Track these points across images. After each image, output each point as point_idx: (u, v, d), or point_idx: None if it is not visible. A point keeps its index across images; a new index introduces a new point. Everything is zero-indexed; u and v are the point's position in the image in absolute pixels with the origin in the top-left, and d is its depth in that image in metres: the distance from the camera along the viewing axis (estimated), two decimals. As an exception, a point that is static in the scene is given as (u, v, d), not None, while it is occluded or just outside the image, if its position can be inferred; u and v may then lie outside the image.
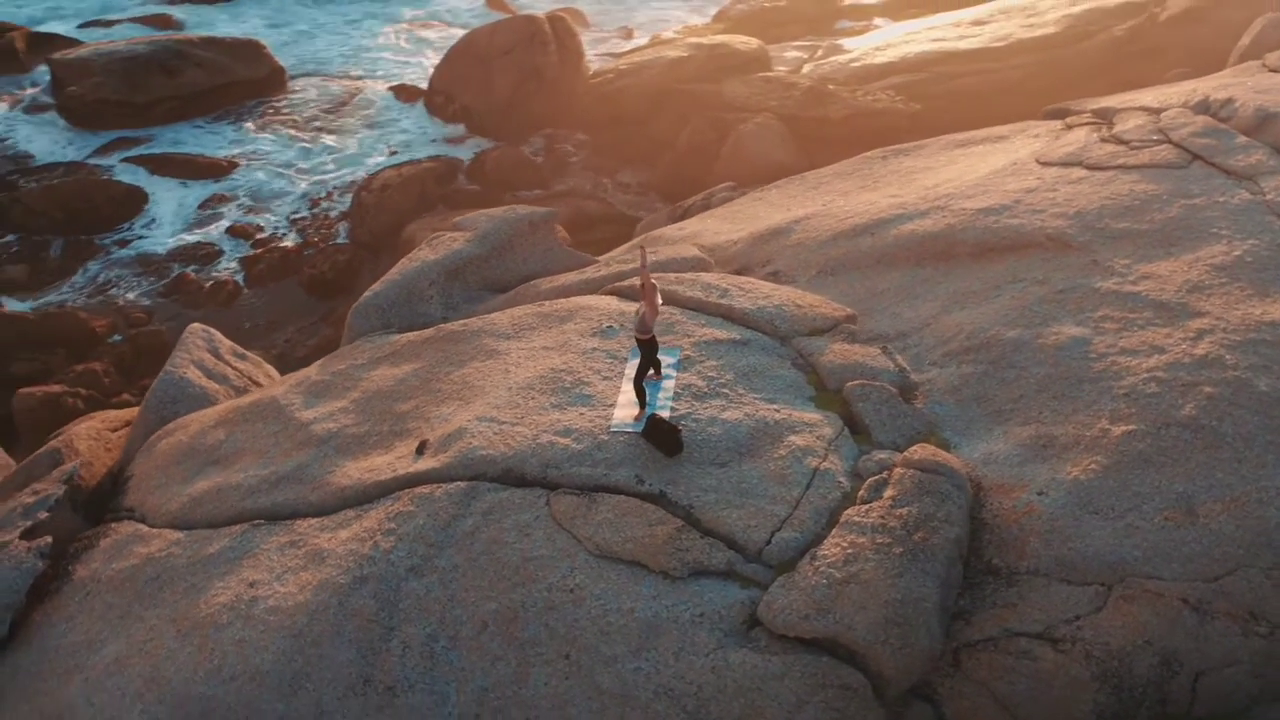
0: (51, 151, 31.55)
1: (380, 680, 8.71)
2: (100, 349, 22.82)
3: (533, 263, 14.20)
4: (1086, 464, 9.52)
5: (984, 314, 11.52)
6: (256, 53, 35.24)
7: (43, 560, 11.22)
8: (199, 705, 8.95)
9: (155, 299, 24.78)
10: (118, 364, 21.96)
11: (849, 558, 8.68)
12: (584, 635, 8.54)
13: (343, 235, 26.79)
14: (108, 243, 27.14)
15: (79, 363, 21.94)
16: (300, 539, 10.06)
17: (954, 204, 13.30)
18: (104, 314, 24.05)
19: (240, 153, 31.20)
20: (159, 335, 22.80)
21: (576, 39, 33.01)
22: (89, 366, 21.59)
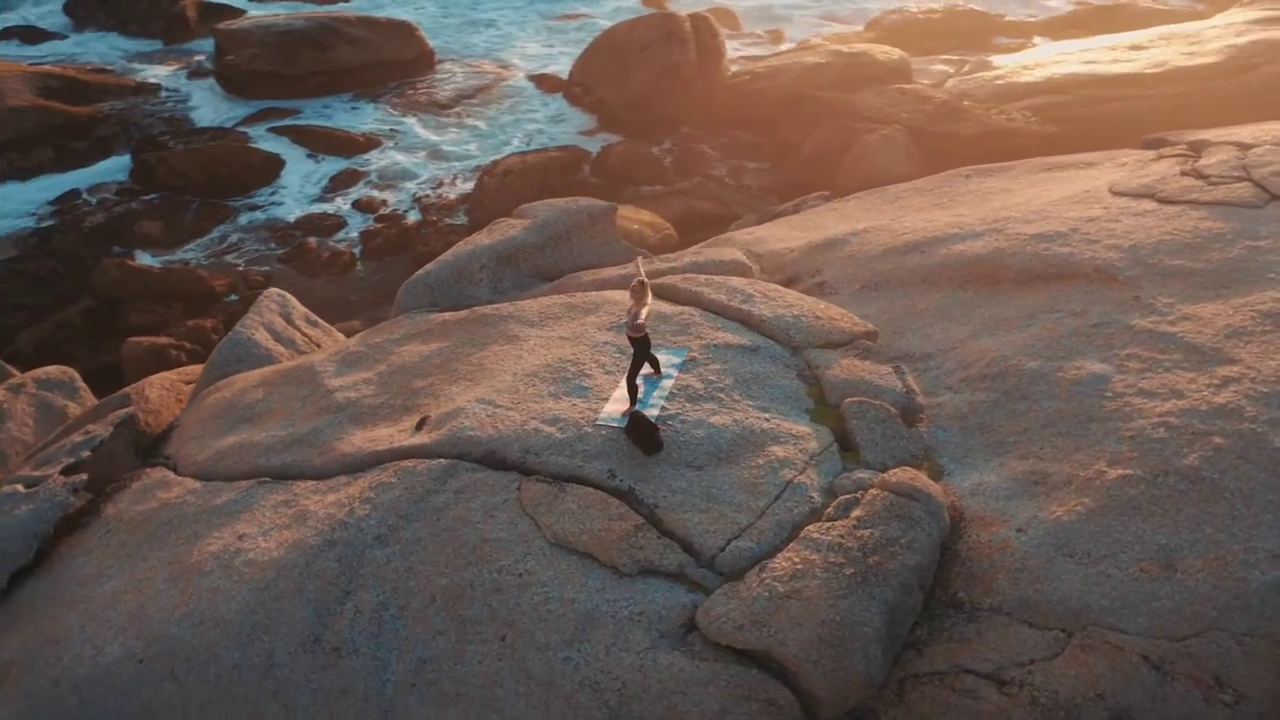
0: (206, 116, 33.39)
1: (329, 640, 9.06)
2: (215, 307, 24.11)
3: (588, 255, 14.43)
4: (1073, 505, 9.22)
5: (1011, 342, 11.23)
6: (408, 34, 36.53)
7: (74, 496, 12.00)
8: (168, 644, 9.47)
9: (275, 264, 26.01)
10: (227, 323, 23.14)
11: (796, 573, 8.63)
12: (522, 619, 8.72)
13: (462, 217, 27.55)
14: (240, 207, 28.60)
15: (192, 318, 23.23)
16: (294, 499, 10.52)
17: (1010, 227, 12.96)
18: (225, 274, 25.37)
19: (379, 130, 32.41)
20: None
21: (717, 39, 33.15)
22: (199, 322, 22.83)
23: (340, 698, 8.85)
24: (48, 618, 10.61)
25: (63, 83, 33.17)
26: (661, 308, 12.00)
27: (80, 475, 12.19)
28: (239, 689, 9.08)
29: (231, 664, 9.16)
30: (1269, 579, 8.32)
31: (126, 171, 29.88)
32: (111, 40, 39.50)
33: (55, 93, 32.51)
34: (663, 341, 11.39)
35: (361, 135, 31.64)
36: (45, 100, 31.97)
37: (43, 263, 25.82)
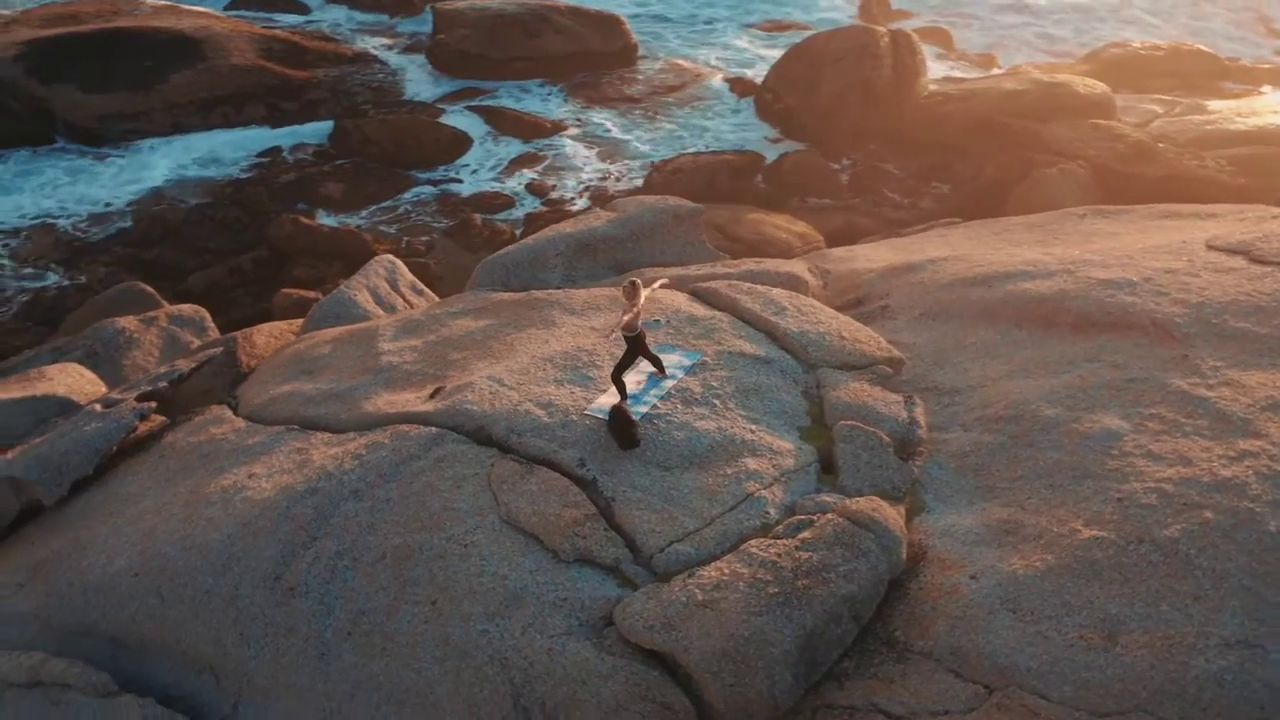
0: (410, 90, 35.23)
1: (288, 580, 9.68)
2: (374, 269, 25.49)
3: (669, 254, 14.67)
4: (1035, 559, 8.90)
5: (1039, 387, 10.84)
6: (615, 27, 37.46)
7: (140, 421, 13.11)
8: (160, 563, 10.32)
9: (438, 236, 27.30)
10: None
11: (721, 583, 8.68)
12: (455, 587, 9.09)
13: (631, 210, 28.16)
14: (421, 179, 30.09)
15: (348, 277, 24.65)
16: (307, 448, 11.23)
17: (1084, 270, 12.45)
18: (389, 241, 26.79)
19: (567, 117, 33.44)
20: (425, 269, 25.11)
21: (916, 58, 32.61)
22: (351, 282, 24.23)
23: (286, 635, 9.43)
24: (85, 525, 11.65)
25: (286, 47, 35.63)
26: (696, 310, 12.15)
27: (150, 403, 13.26)
28: (207, 612, 9.80)
29: (205, 589, 9.88)
30: (1212, 669, 7.85)
31: (327, 135, 31.86)
32: (346, 13, 42.07)
33: (276, 55, 34.96)
34: (682, 343, 11.54)
35: (549, 121, 32.69)
36: (266, 61, 34.44)
37: (230, 211, 27.92)
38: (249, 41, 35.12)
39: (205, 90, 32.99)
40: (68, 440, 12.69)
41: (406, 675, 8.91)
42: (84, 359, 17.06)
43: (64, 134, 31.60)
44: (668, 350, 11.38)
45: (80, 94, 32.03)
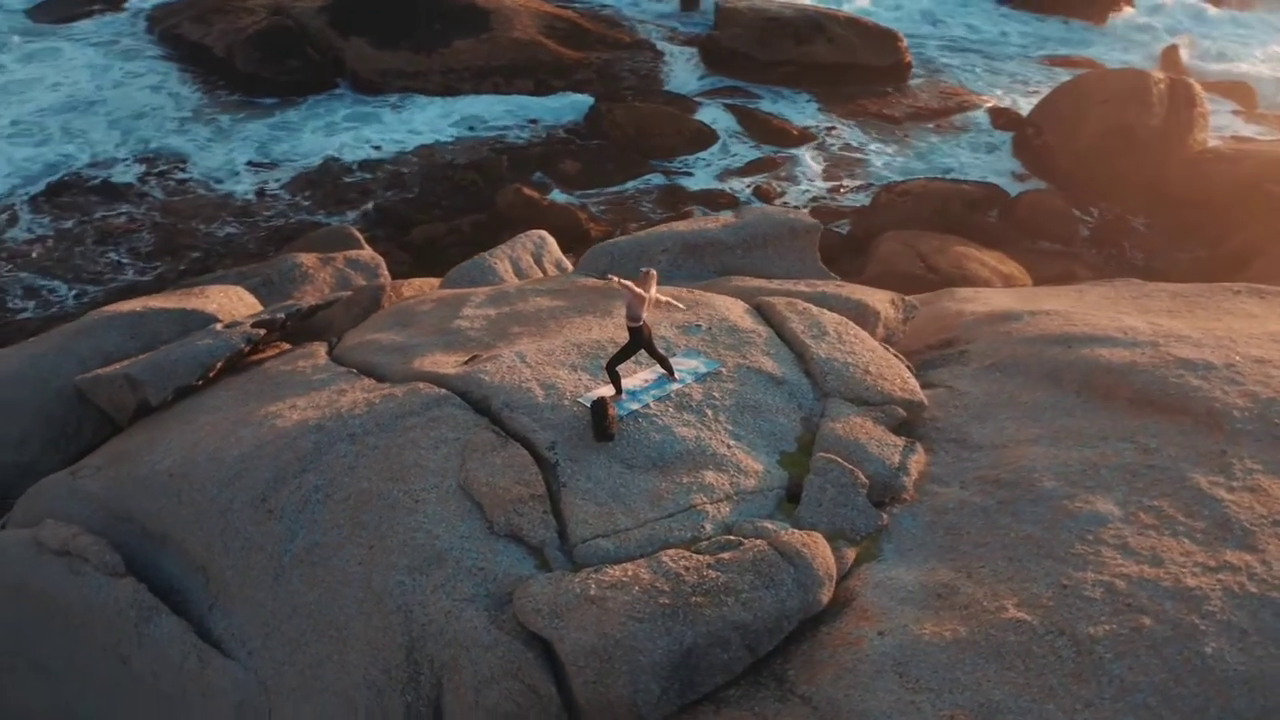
0: (673, 81, 36.06)
1: (270, 503, 10.54)
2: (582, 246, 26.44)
3: (778, 266, 14.64)
4: (948, 629, 8.54)
5: (1057, 457, 10.25)
6: (890, 43, 36.88)
7: (247, 344, 14.34)
8: (188, 468, 11.43)
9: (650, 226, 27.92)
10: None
11: (618, 584, 8.83)
12: (392, 538, 9.66)
13: (845, 227, 27.90)
14: (656, 167, 30.83)
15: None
16: (347, 390, 12.07)
17: (1171, 346, 11.57)
18: (604, 223, 27.68)
19: (818, 127, 33.29)
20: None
21: (1195, 110, 30.31)
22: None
23: (255, 552, 10.31)
24: (165, 427, 12.98)
25: (567, 26, 37.21)
26: (741, 322, 12.15)
27: (260, 330, 14.50)
28: (206, 519, 10.81)
29: (210, 497, 10.89)
30: (1068, 778, 7.36)
31: (582, 114, 33.16)
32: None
33: (556, 32, 36.59)
34: (710, 351, 11.60)
35: (797, 128, 32.68)
36: (545, 38, 36.12)
37: (468, 174, 29.62)
38: (533, 17, 36.90)
39: (482, 59, 34.99)
40: (180, 351, 14.08)
41: (332, 609, 9.55)
42: (259, 286, 18.69)
43: (350, 84, 34.35)
44: (691, 355, 11.47)
45: (371, 49, 34.70)
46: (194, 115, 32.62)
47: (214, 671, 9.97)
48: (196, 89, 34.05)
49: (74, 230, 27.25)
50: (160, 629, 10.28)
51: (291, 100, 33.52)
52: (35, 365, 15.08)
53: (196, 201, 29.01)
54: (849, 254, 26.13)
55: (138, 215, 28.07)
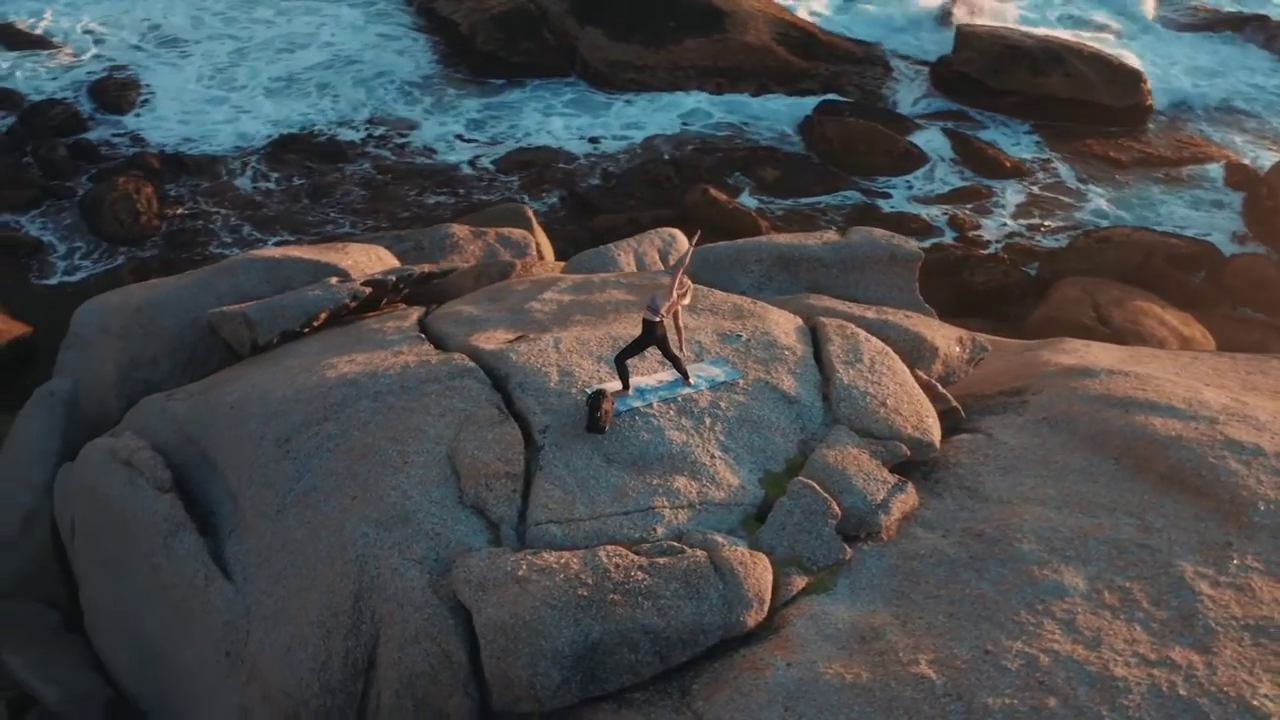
0: (896, 100, 35.35)
1: (289, 445, 11.29)
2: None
3: (872, 291, 14.32)
4: (852, 672, 8.36)
5: (1053, 520, 9.76)
6: (1132, 83, 34.74)
7: (351, 300, 15.17)
8: (245, 403, 12.37)
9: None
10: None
11: (547, 569, 9.04)
12: (372, 492, 10.19)
13: (1033, 269, 26.74)
14: (856, 184, 30.38)
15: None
16: (404, 353, 12.65)
17: (1226, 424, 10.72)
18: (783, 232, 27.54)
19: (1034, 163, 31.89)
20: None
21: None
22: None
23: (267, 487, 11.07)
24: (258, 366, 13.99)
25: (801, 35, 37.00)
26: (783, 338, 12.00)
27: (366, 289, 15.30)
28: (242, 451, 11.67)
29: (249, 432, 11.74)
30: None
31: (796, 123, 33.01)
32: (887, 13, 42.35)
33: (789, 40, 36.46)
34: (739, 361, 11.53)
35: (1012, 161, 31.36)
36: (776, 45, 36.09)
37: (666, 170, 30.03)
38: (767, 23, 36.92)
39: (710, 59, 35.32)
40: (291, 298, 15.08)
41: (310, 550, 10.15)
42: (409, 250, 19.66)
43: (578, 72, 35.37)
44: (718, 364, 11.46)
45: (605, 39, 35.61)
46: (426, 86, 34.34)
47: (214, 590, 10.75)
48: (435, 61, 35.81)
49: (295, 184, 29.18)
50: (183, 544, 11.13)
51: (520, 82, 34.78)
52: (180, 295, 16.39)
53: (413, 168, 30.51)
54: (1030, 297, 25.06)
55: (356, 174, 29.79)
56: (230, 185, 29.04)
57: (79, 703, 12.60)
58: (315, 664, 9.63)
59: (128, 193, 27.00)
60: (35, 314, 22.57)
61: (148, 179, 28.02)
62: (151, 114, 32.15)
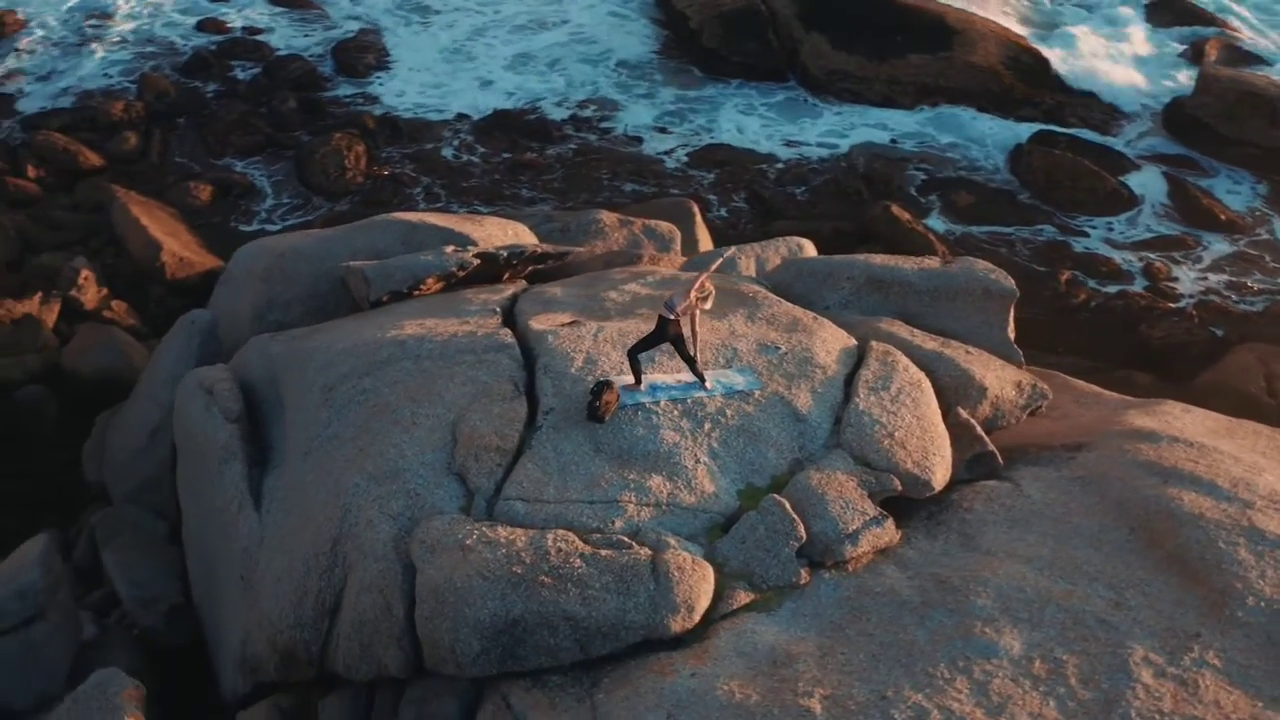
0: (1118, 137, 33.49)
1: (331, 394, 12.04)
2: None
3: (960, 324, 13.80)
4: (744, 693, 8.33)
5: (1024, 580, 9.34)
6: None
7: (458, 269, 15.72)
8: (317, 349, 13.09)
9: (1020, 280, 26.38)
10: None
11: (493, 543, 9.39)
12: (376, 446, 10.77)
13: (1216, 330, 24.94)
14: (1053, 219, 29.03)
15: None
16: (468, 324, 13.11)
17: (1260, 510, 9.92)
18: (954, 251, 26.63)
19: (1251, 217, 29.58)
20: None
21: None
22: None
23: (303, 430, 11.88)
24: (359, 320, 14.68)
25: (1032, 61, 35.47)
26: (823, 358, 11.81)
27: (475, 260, 15.85)
28: (299, 393, 12.59)
29: (307, 377, 12.60)
30: None
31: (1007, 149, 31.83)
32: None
33: (1018, 66, 34.96)
34: (765, 374, 11.41)
35: (1228, 214, 29.16)
36: (1003, 68, 34.79)
37: (856, 183, 29.58)
38: (1000, 46, 35.63)
39: (930, 77, 34.44)
40: (404, 261, 15.84)
41: (315, 492, 10.82)
42: (555, 230, 20.23)
43: (797, 77, 35.24)
44: (743, 372, 11.40)
45: (828, 46, 35.26)
46: (643, 74, 34.90)
47: (242, 518, 11.57)
48: (657, 52, 36.29)
49: (498, 158, 30.25)
50: (230, 472, 12.00)
51: (734, 80, 34.90)
52: (319, 246, 17.45)
53: (613, 153, 31.08)
54: (1206, 359, 23.43)
55: (558, 155, 30.65)
56: (436, 153, 30.40)
57: (145, 604, 13.62)
58: (294, 598, 10.22)
59: (339, 149, 28.68)
60: (230, 251, 24.37)
61: (362, 138, 29.65)
62: (386, 78, 34.01)
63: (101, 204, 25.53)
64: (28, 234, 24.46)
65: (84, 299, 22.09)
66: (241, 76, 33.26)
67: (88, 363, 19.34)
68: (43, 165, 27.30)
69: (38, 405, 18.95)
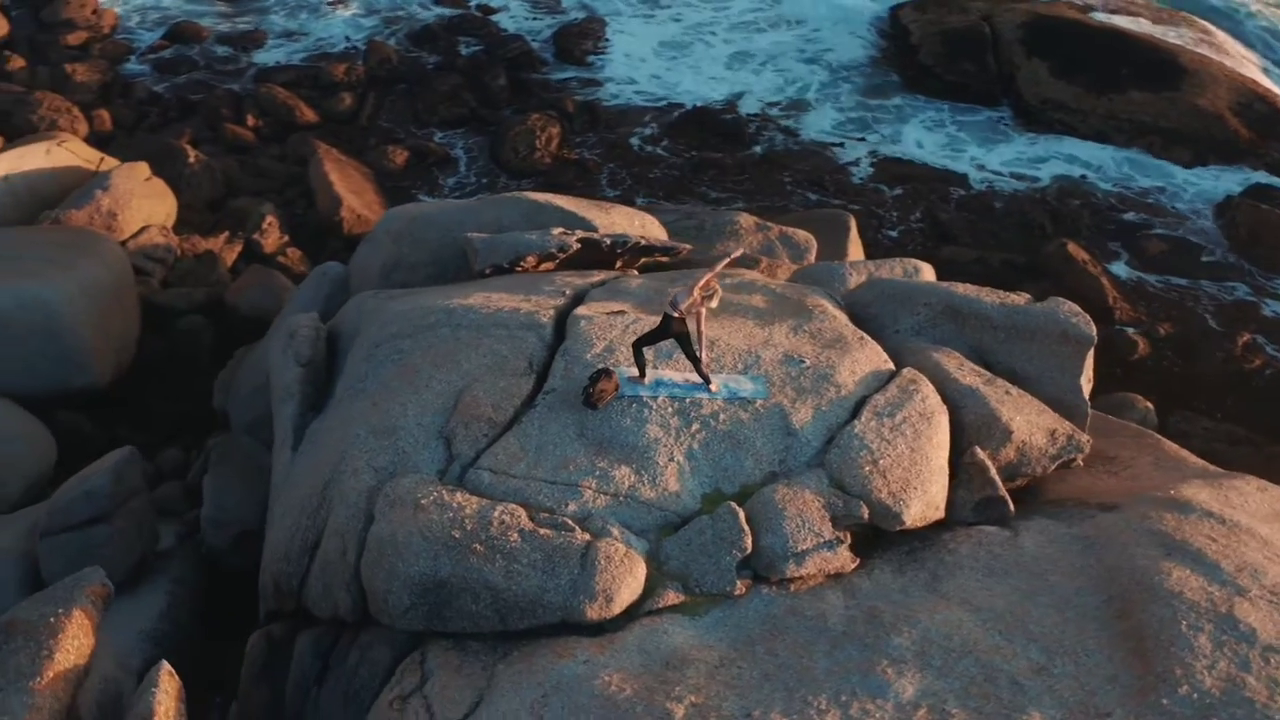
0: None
1: (376, 350, 12.66)
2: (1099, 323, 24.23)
3: (1034, 365, 13.15)
4: (617, 687, 8.49)
5: (957, 630, 8.98)
6: None
7: (558, 250, 16.10)
8: (393, 310, 13.69)
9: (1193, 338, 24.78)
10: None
11: (448, 506, 9.84)
12: (386, 403, 11.44)
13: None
14: (1252, 278, 27.06)
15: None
16: (529, 301, 13.46)
17: (1251, 597, 9.08)
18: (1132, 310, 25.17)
19: None
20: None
21: None
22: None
23: (346, 380, 12.74)
24: (455, 287, 15.24)
25: (1265, 109, 32.91)
26: (845, 375, 11.56)
27: (577, 244, 16.22)
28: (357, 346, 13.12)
29: (369, 332, 13.29)
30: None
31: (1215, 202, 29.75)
32: None
33: (1247, 112, 32.43)
34: (780, 384, 11.29)
35: None
36: (1230, 113, 32.45)
37: (1042, 216, 28.29)
38: (1231, 90, 33.19)
39: (1150, 115, 32.51)
40: (510, 238, 16.41)
41: (328, 438, 11.61)
42: (689, 227, 20.40)
43: (1010, 103, 34.07)
44: (757, 380, 11.32)
45: (1047, 74, 33.87)
46: (850, 84, 34.49)
47: (281, 456, 12.48)
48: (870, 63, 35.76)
49: (685, 155, 30.56)
50: (285, 411, 12.87)
51: (942, 99, 34.05)
52: (450, 215, 18.28)
53: (799, 159, 30.88)
54: None
55: (744, 156, 30.71)
56: (626, 143, 31.02)
57: (218, 526, 14.64)
58: (288, 534, 10.91)
59: (532, 129, 29.68)
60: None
61: (559, 120, 30.53)
62: (600, 65, 34.90)
63: (304, 157, 27.28)
64: (233, 178, 26.45)
65: (265, 243, 23.76)
66: (464, 52, 34.73)
67: (245, 301, 20.82)
68: (262, 116, 29.40)
69: (196, 334, 20.56)
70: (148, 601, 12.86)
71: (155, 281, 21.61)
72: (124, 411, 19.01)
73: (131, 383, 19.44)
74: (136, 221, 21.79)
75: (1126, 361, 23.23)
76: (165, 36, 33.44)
